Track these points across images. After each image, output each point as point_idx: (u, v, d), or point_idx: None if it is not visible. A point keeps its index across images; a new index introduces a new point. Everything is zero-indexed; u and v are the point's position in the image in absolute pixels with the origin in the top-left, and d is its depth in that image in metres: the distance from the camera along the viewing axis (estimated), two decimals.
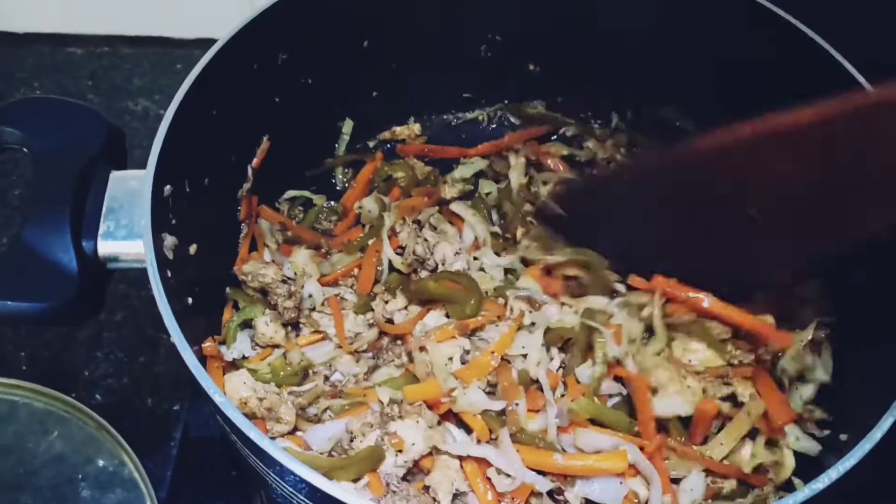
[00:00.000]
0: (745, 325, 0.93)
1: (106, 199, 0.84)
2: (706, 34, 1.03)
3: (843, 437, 0.82)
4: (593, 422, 0.91)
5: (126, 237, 0.83)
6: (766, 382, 0.92)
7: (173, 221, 0.87)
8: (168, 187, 0.86)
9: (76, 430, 1.16)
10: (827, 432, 0.89)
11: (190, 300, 0.91)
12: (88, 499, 1.13)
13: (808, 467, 0.87)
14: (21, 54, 1.70)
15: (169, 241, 0.85)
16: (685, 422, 0.92)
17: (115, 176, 0.86)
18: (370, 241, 1.07)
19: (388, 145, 1.26)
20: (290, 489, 0.72)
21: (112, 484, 1.14)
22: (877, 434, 0.69)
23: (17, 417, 1.16)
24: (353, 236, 1.10)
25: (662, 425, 0.92)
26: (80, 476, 1.14)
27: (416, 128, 1.25)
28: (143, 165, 0.85)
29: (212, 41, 1.68)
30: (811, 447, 0.89)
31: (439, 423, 0.91)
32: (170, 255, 0.84)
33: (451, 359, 0.93)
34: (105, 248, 0.83)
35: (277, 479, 0.73)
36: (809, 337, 0.93)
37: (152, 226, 0.79)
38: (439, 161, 1.23)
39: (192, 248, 0.93)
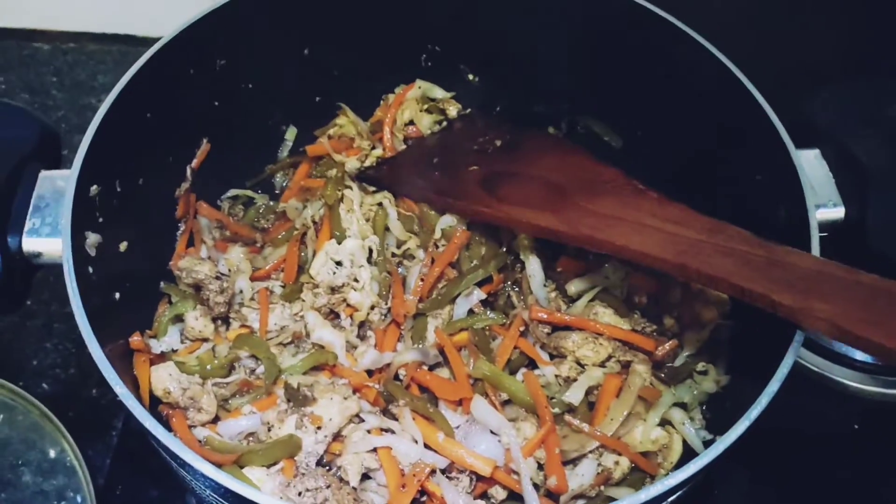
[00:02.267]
0: (626, 339, 1.00)
1: (34, 197, 0.88)
2: (630, 57, 1.07)
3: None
4: None
5: (50, 234, 0.87)
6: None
7: (100, 220, 0.91)
8: (95, 187, 0.90)
9: (20, 418, 1.20)
10: (711, 437, 0.93)
11: (117, 295, 0.95)
12: (30, 484, 1.17)
13: None
14: None
15: (92, 238, 0.89)
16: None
17: (44, 175, 0.90)
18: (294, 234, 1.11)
19: None
20: (190, 476, 0.76)
21: (53, 470, 1.18)
22: (731, 436, 0.73)
23: None
24: (284, 230, 1.14)
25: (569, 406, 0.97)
26: (21, 462, 1.18)
27: (343, 121, 1.26)
28: None
29: None
30: (696, 442, 0.94)
31: (354, 392, 0.97)
32: (92, 253, 0.88)
33: None
34: (29, 244, 0.87)
35: (180, 469, 0.77)
36: (706, 338, 0.98)
37: (72, 224, 0.83)
38: None
39: (123, 246, 0.97)
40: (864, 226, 0.88)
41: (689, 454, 0.94)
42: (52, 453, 1.19)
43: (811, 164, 0.93)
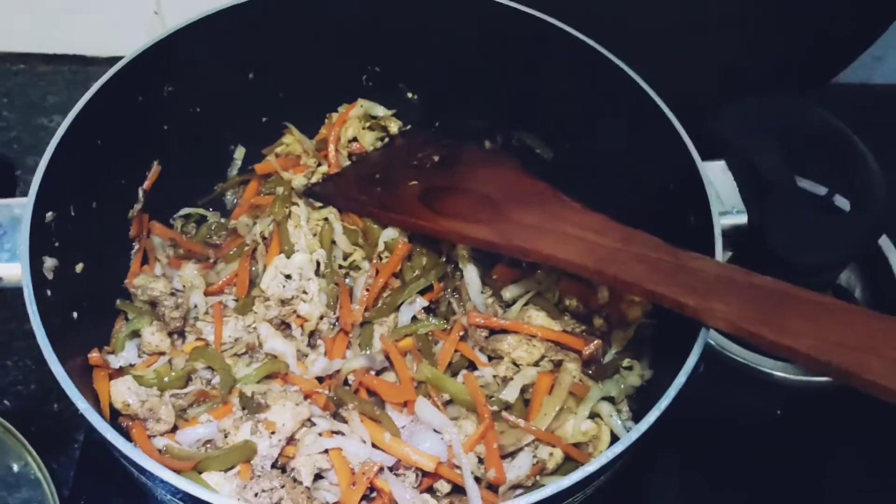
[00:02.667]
0: (557, 339, 1.08)
1: None
2: (551, 74, 1.15)
3: None
4: None
5: (9, 260, 0.91)
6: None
7: (56, 244, 0.96)
8: (50, 213, 0.95)
9: None
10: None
11: (75, 314, 1.00)
12: None
13: None
14: None
15: (49, 262, 0.94)
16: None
17: (0, 203, 0.95)
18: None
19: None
20: (150, 483, 0.82)
21: (18, 484, 1.22)
22: (643, 425, 0.81)
23: None
24: (235, 246, 1.20)
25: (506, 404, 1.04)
26: None
27: (290, 139, 1.32)
28: None
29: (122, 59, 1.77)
30: (622, 432, 1.02)
31: (306, 398, 1.03)
32: (49, 276, 0.93)
33: None
34: None
35: (141, 476, 0.83)
36: (631, 336, 1.07)
37: (30, 251, 0.88)
38: None
39: (79, 267, 1.02)
40: (762, 231, 0.97)
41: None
42: (15, 467, 1.23)
43: (717, 175, 1.01)
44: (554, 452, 1.00)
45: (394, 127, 1.31)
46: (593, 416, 1.03)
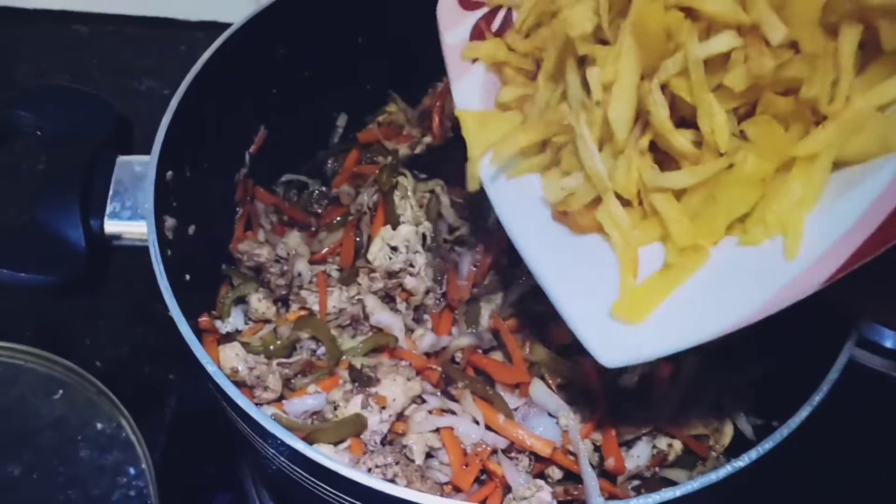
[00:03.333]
0: None
1: (112, 182, 0.91)
2: None
3: (775, 424, 0.89)
4: None
5: (130, 218, 0.90)
6: None
7: (174, 204, 0.94)
8: (170, 173, 0.93)
9: (76, 394, 1.24)
10: (760, 421, 0.97)
11: (188, 276, 0.98)
12: (87, 459, 1.21)
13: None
14: (29, 30, 1.75)
15: (170, 222, 0.92)
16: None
17: (121, 160, 0.93)
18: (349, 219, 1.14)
19: None
20: (273, 451, 0.79)
21: (110, 445, 1.22)
22: (795, 421, 0.76)
23: (21, 381, 1.23)
24: (338, 215, 1.17)
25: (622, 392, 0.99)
26: (79, 437, 1.21)
27: (393, 108, 1.29)
28: (146, 144, 0.92)
29: (215, 24, 1.76)
30: (746, 427, 0.97)
31: (417, 374, 1.00)
32: (170, 236, 0.91)
33: None
34: (111, 227, 0.90)
35: (262, 442, 0.81)
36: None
37: (155, 209, 0.86)
38: None
39: (191, 229, 1.00)
40: None
41: (738, 437, 0.98)
42: (108, 429, 1.22)
43: None
44: (673, 443, 0.96)
45: None
46: (715, 407, 0.98)
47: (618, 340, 0.71)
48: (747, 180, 0.67)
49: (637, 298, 0.71)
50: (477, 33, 0.90)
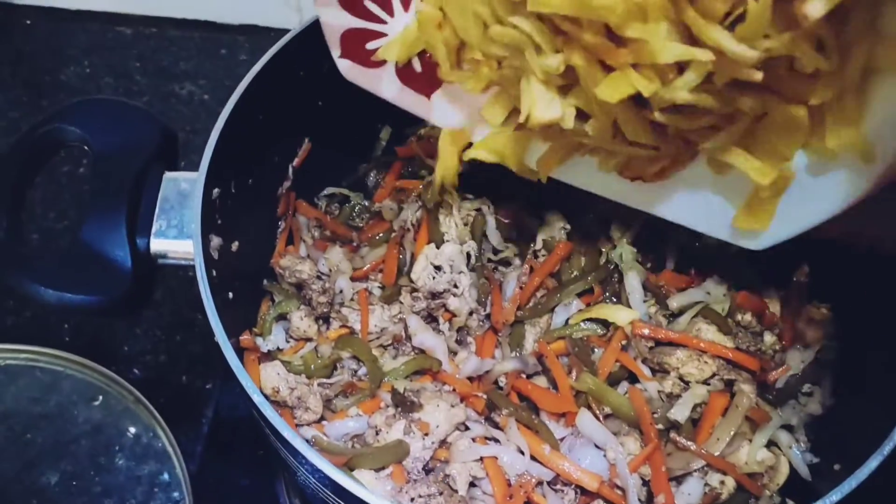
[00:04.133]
0: (732, 358, 0.98)
1: (159, 199, 0.90)
2: None
3: (836, 466, 0.86)
4: None
5: (176, 236, 0.89)
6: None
7: (219, 222, 0.93)
8: (216, 190, 0.92)
9: (114, 402, 1.23)
10: (817, 460, 0.94)
11: (231, 294, 0.97)
12: (123, 468, 1.20)
13: (800, 493, 0.92)
14: (73, 30, 1.76)
15: (215, 241, 0.91)
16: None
17: (168, 177, 0.92)
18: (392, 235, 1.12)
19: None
20: (313, 479, 0.78)
21: (146, 455, 1.21)
22: (864, 472, 0.73)
23: (60, 387, 1.24)
24: (380, 231, 1.15)
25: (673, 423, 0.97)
26: (116, 447, 1.21)
27: None
28: (186, 148, 0.90)
29: (255, 28, 1.75)
30: (802, 466, 0.94)
31: (461, 400, 0.98)
32: (215, 256, 0.90)
33: None
34: (157, 245, 0.89)
35: (301, 468, 0.79)
36: (811, 359, 0.98)
37: (202, 229, 0.85)
38: None
39: (235, 246, 0.99)
40: None
41: (793, 476, 0.94)
42: (144, 438, 1.22)
43: None
44: (726, 481, 0.93)
45: None
46: (769, 444, 0.95)
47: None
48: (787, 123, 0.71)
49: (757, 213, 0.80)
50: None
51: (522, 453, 0.92)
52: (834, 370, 0.99)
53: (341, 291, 1.09)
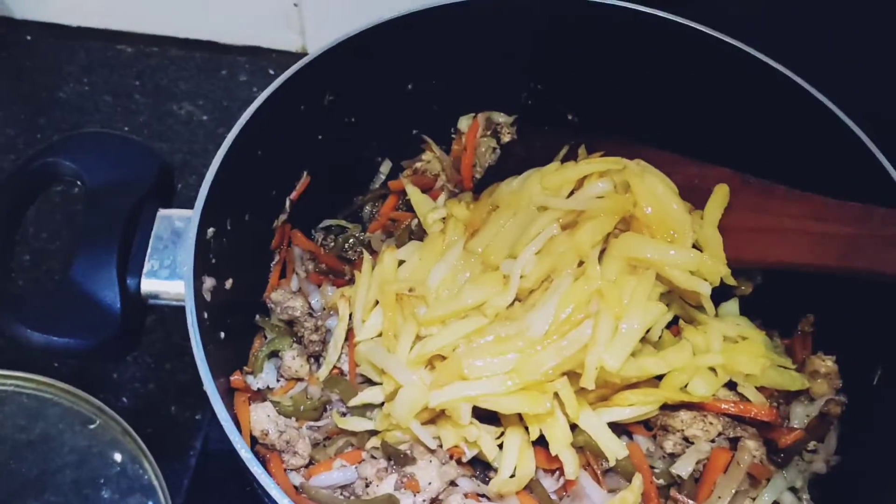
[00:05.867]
0: (744, 415, 0.95)
1: (152, 237, 0.87)
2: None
3: None
4: None
5: (168, 277, 0.86)
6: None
7: (213, 261, 0.91)
8: (211, 230, 0.89)
9: (101, 432, 1.21)
10: None
11: (222, 334, 0.95)
12: (108, 500, 1.17)
13: None
14: (73, 48, 1.73)
15: (208, 283, 0.88)
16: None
17: (162, 214, 0.89)
18: None
19: None
20: None
21: (132, 488, 1.18)
22: None
23: (46, 415, 1.21)
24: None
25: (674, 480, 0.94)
26: (101, 479, 1.18)
27: (429, 156, 1.25)
28: (182, 171, 0.86)
29: (257, 49, 1.73)
30: None
31: (452, 458, 0.94)
32: (208, 297, 0.88)
33: None
34: (148, 286, 0.86)
35: None
36: (816, 413, 0.95)
37: (194, 270, 0.82)
38: None
39: (229, 283, 0.97)
40: None
41: None
42: (130, 470, 1.19)
43: None
44: None
45: (506, 136, 1.23)
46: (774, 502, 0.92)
47: None
48: None
49: None
50: None
51: None
52: (839, 426, 0.96)
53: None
